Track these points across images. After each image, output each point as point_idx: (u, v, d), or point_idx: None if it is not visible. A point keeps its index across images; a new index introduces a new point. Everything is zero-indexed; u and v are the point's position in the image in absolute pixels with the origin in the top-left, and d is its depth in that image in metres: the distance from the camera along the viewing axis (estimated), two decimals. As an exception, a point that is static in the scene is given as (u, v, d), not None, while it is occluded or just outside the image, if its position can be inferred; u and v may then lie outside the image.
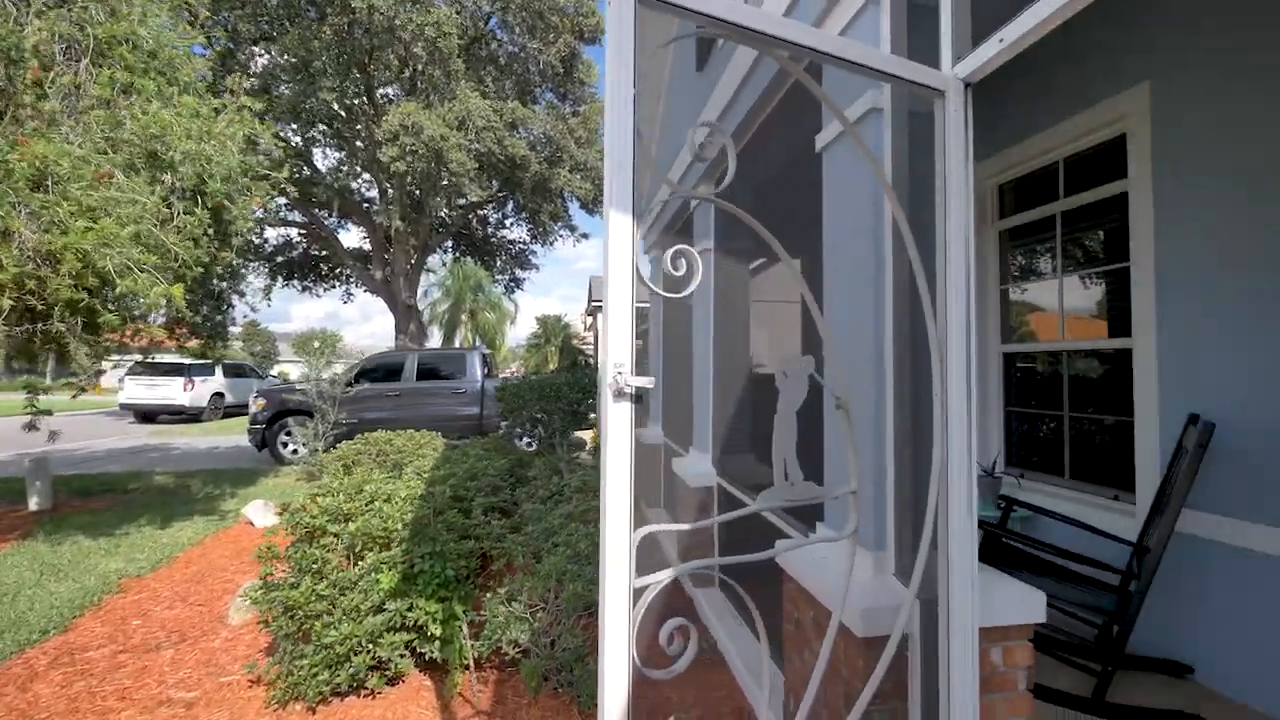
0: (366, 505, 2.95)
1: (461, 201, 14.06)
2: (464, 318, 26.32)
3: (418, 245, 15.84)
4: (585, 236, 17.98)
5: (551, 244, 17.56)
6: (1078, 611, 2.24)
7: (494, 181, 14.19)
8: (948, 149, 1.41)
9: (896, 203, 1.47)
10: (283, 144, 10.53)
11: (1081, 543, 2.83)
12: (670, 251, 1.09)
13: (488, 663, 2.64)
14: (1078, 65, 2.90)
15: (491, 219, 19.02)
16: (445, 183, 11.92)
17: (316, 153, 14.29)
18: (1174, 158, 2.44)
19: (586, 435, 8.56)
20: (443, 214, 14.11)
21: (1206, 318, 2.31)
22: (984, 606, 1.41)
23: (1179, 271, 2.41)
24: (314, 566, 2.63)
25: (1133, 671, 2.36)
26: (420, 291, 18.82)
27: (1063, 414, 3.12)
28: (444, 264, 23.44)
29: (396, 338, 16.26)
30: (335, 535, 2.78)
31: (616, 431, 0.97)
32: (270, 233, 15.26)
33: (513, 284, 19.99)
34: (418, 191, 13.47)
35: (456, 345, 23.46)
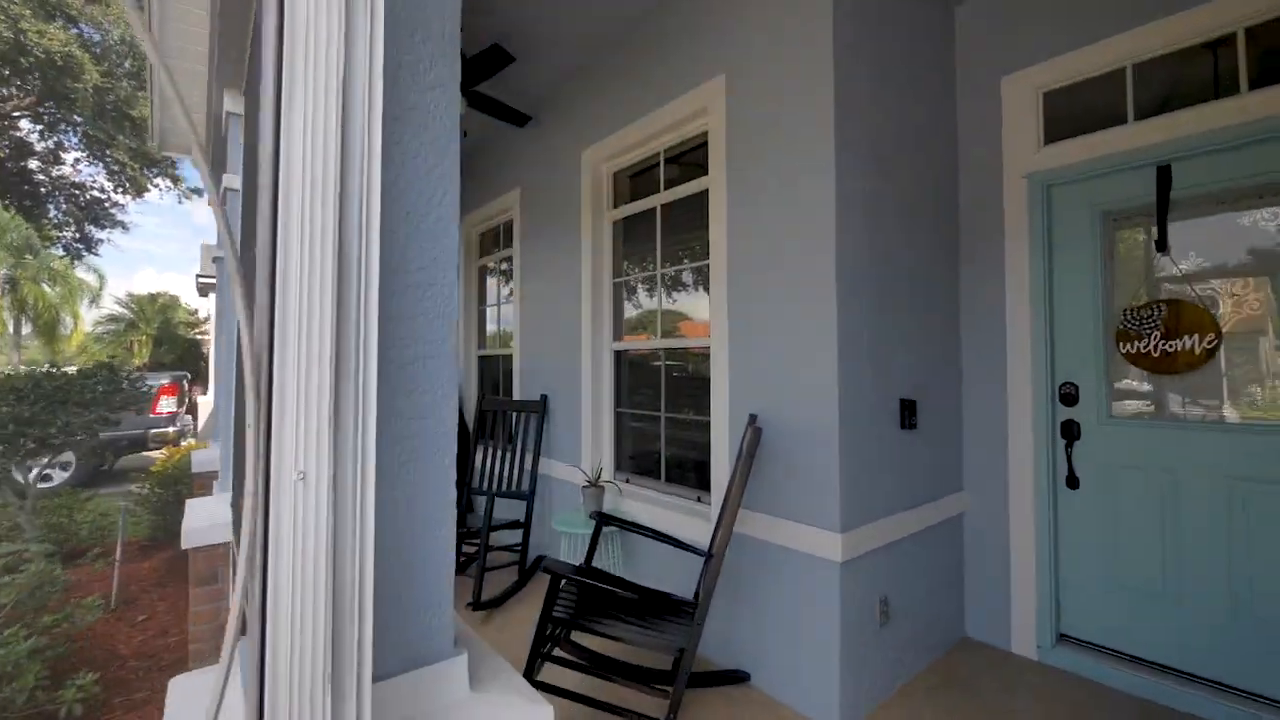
0: None
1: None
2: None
3: None
4: (198, 192, 13.74)
5: (142, 195, 12.89)
6: (658, 650, 1.97)
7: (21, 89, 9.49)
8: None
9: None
10: None
11: (668, 557, 2.68)
12: None
13: None
14: (665, 55, 2.78)
15: (38, 147, 13.06)
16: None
17: None
18: (741, 156, 2.41)
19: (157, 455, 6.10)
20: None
21: (760, 316, 2.30)
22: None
23: (743, 270, 2.39)
24: None
25: (701, 689, 2.23)
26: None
27: (659, 415, 3.02)
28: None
29: None
30: None
31: None
32: None
33: (80, 245, 14.14)
34: None
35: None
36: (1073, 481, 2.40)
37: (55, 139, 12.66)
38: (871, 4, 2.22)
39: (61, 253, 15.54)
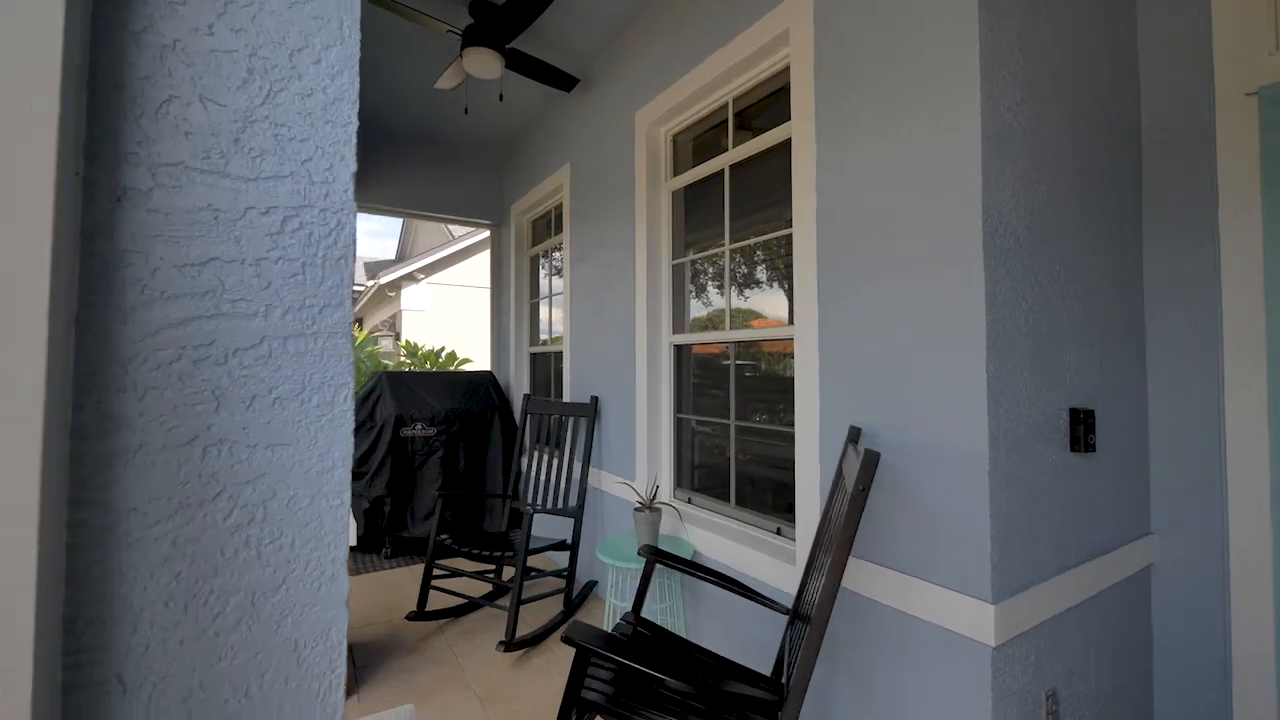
0: None
1: None
2: None
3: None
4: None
5: None
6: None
7: None
8: None
9: None
10: None
11: (743, 602, 2.15)
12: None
13: None
14: (744, -29, 2.22)
15: None
16: None
17: None
18: (836, 89, 1.83)
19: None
20: None
21: (865, 300, 1.71)
22: None
23: (839, 241, 1.81)
24: None
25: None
26: None
27: (728, 423, 2.48)
28: None
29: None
30: None
31: None
32: None
33: None
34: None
35: None
36: (1335, 530, 1.65)
37: None
38: None
39: None
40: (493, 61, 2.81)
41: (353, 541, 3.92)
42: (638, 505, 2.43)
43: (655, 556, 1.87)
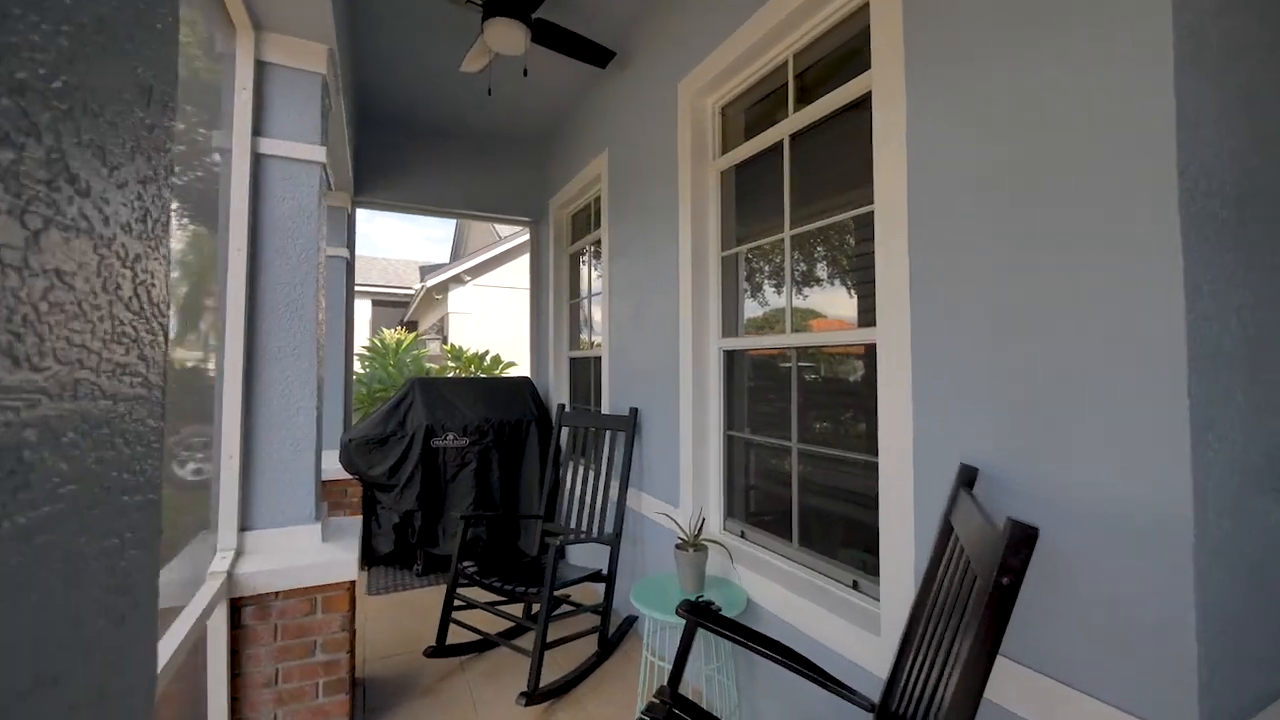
0: None
1: None
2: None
3: None
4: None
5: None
6: None
7: None
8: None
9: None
10: None
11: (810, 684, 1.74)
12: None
13: None
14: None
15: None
16: None
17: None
18: (934, 13, 1.40)
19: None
20: None
21: (980, 291, 1.27)
22: None
23: (938, 214, 1.37)
24: None
25: None
26: None
27: (789, 444, 2.06)
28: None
29: None
30: None
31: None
32: None
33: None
34: None
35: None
36: None
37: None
38: None
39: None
40: (517, 34, 2.50)
41: (386, 551, 3.73)
42: (679, 542, 2.05)
43: (697, 619, 1.49)
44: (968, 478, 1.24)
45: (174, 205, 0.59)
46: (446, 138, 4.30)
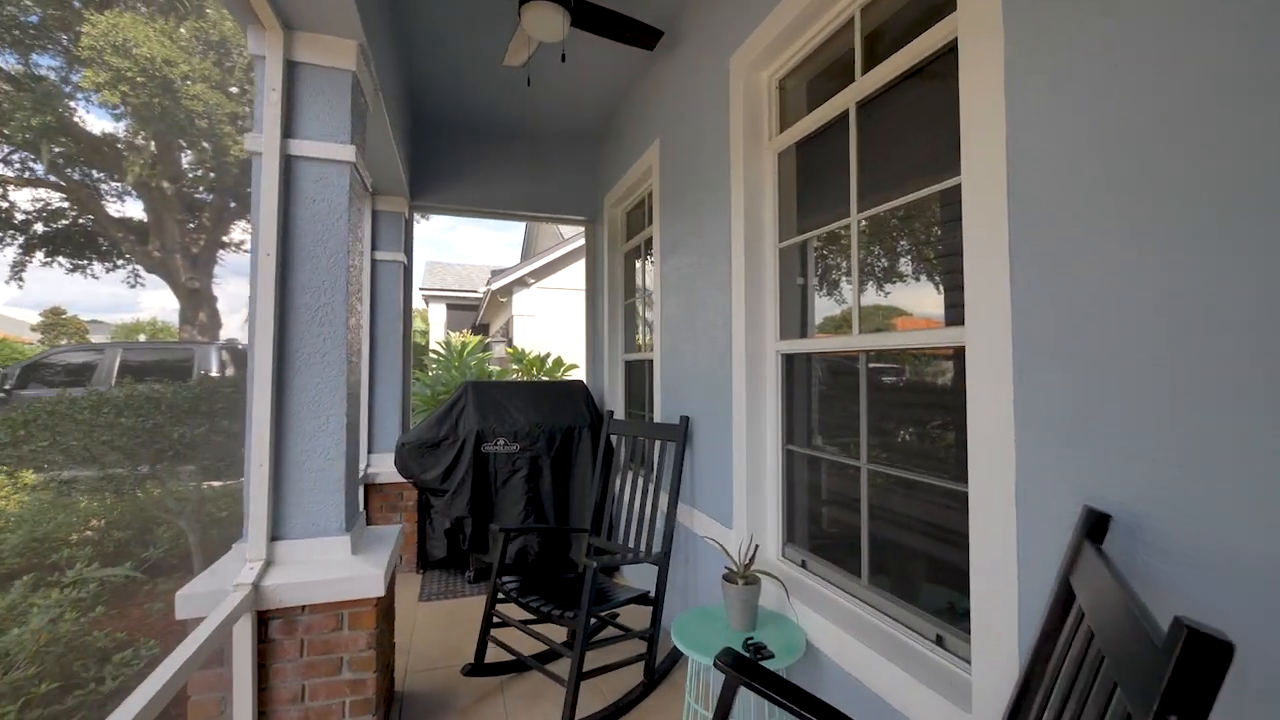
0: None
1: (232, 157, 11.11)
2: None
3: (211, 215, 12.48)
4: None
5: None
6: None
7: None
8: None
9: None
10: None
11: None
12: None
13: None
14: None
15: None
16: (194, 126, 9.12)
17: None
18: (1046, -76, 1.08)
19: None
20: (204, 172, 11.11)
21: (1111, 278, 0.96)
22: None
23: (1048, 185, 1.06)
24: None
25: None
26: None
27: (858, 465, 1.76)
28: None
29: (180, 327, 12.97)
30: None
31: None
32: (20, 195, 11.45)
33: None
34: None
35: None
36: None
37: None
38: None
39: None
40: (556, 17, 2.35)
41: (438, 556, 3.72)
42: (727, 572, 1.80)
43: (738, 676, 1.24)
44: (1094, 527, 0.93)
45: None
46: (500, 139, 4.25)
